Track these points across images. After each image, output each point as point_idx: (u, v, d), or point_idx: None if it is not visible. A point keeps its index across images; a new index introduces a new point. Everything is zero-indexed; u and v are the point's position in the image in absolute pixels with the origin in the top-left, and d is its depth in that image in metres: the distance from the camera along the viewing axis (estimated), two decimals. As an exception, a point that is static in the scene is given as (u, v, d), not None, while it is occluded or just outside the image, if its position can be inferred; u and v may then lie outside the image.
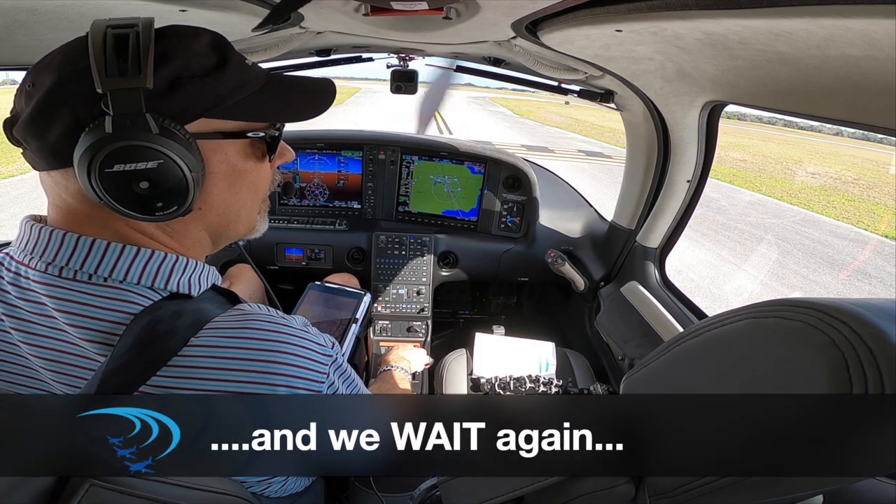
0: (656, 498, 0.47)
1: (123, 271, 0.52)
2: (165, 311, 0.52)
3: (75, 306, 0.51)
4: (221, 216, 0.59)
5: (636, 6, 0.65)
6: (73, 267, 0.51)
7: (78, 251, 0.51)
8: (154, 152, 0.48)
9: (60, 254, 0.51)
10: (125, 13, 0.57)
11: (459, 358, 1.62)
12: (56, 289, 0.52)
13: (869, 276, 6.28)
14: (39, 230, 0.53)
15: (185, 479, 0.50)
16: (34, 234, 0.53)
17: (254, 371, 0.53)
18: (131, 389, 0.50)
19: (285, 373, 0.54)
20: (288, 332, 0.56)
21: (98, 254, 0.52)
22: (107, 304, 0.52)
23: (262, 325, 0.55)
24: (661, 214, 1.48)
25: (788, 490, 0.41)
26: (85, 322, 0.51)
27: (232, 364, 0.53)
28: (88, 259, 0.51)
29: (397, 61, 1.77)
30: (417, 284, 1.87)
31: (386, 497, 0.88)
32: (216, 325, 0.54)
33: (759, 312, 0.41)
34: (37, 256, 0.52)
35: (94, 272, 0.52)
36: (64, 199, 0.53)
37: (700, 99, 1.13)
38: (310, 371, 0.56)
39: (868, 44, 0.53)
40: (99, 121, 0.47)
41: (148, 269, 0.53)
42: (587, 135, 20.32)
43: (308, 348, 0.57)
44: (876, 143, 26.51)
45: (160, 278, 0.54)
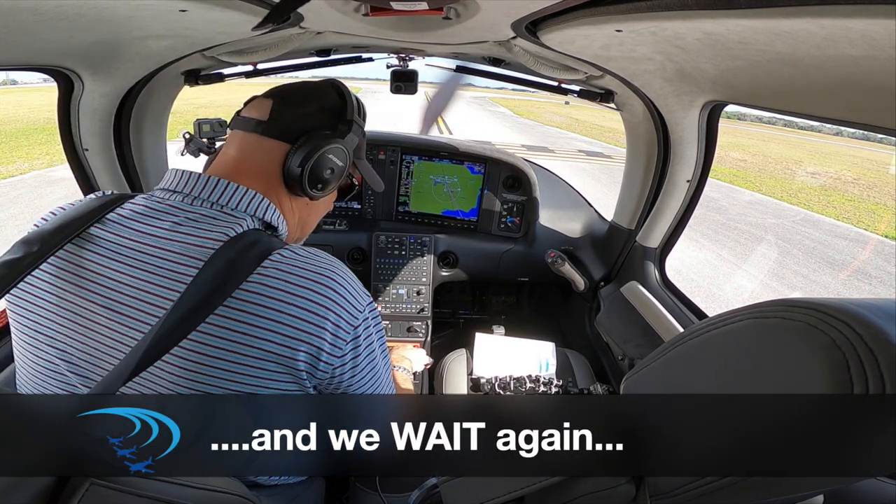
0: (657, 498, 0.47)
1: (236, 202, 0.68)
2: (246, 239, 0.63)
3: (193, 224, 0.64)
4: (310, 215, 0.82)
5: (636, 6, 0.65)
6: (203, 197, 0.67)
7: (209, 187, 0.68)
8: (345, 156, 0.77)
9: (196, 188, 0.68)
10: (125, 13, 0.57)
11: (459, 358, 1.62)
12: (183, 211, 0.66)
13: (869, 276, 6.28)
14: (196, 175, 0.69)
15: (186, 478, 0.50)
16: (191, 177, 0.69)
17: (309, 289, 0.62)
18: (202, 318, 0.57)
19: (335, 299, 0.63)
20: (340, 268, 0.67)
21: (227, 191, 0.68)
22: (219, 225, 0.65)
23: (318, 259, 0.66)
24: (661, 214, 1.48)
25: (788, 490, 0.41)
26: (202, 236, 0.63)
27: (295, 279, 0.62)
28: (214, 192, 0.68)
29: (397, 61, 1.77)
30: (417, 284, 1.87)
31: (386, 497, 0.88)
32: (277, 256, 0.64)
33: (759, 312, 0.41)
34: (179, 191, 0.68)
35: (216, 201, 0.67)
36: (254, 155, 0.73)
37: (700, 99, 1.13)
38: (355, 300, 0.65)
39: (868, 44, 0.53)
40: (331, 132, 0.75)
41: (254, 204, 0.70)
42: (587, 135, 20.33)
43: (355, 287, 0.67)
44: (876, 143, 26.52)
45: (260, 211, 0.70)
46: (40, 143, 9.76)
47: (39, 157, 8.38)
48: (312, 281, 0.62)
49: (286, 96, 0.75)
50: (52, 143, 9.08)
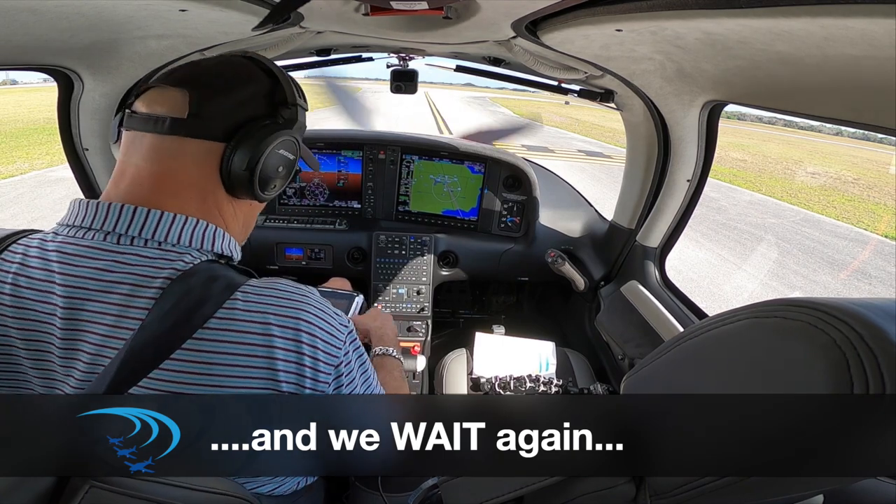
0: (657, 498, 0.47)
1: (176, 235, 0.59)
2: (199, 276, 0.56)
3: (128, 267, 0.56)
4: (249, 216, 0.71)
5: (636, 6, 0.65)
6: (132, 234, 0.57)
7: (136, 220, 0.58)
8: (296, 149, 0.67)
9: (120, 223, 0.57)
10: (125, 13, 0.57)
11: (459, 357, 1.62)
12: (112, 253, 0.56)
13: (869, 276, 6.28)
14: (107, 206, 0.58)
15: (185, 480, 0.50)
16: (101, 210, 0.58)
17: (282, 326, 0.56)
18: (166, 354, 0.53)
19: (310, 331, 0.58)
20: (312, 297, 0.61)
21: (153, 221, 0.58)
22: (162, 264, 0.56)
23: (289, 289, 0.60)
24: (661, 214, 1.48)
25: (788, 490, 0.41)
26: (140, 280, 0.55)
27: (262, 318, 0.56)
28: (146, 226, 0.58)
29: (397, 61, 1.77)
30: (417, 284, 1.87)
31: (386, 497, 0.88)
32: (246, 288, 0.58)
33: (759, 312, 0.41)
34: (97, 228, 0.58)
35: (150, 237, 0.57)
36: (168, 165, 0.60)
37: (700, 98, 1.13)
38: (331, 335, 0.60)
39: (868, 44, 0.53)
40: (272, 120, 0.63)
41: (196, 234, 0.60)
42: (587, 135, 20.32)
43: (329, 314, 0.61)
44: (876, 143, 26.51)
45: (206, 242, 0.61)
46: (40, 143, 9.75)
47: (39, 157, 8.37)
48: (285, 317, 0.57)
49: (205, 84, 0.61)
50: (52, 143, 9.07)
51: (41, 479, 0.41)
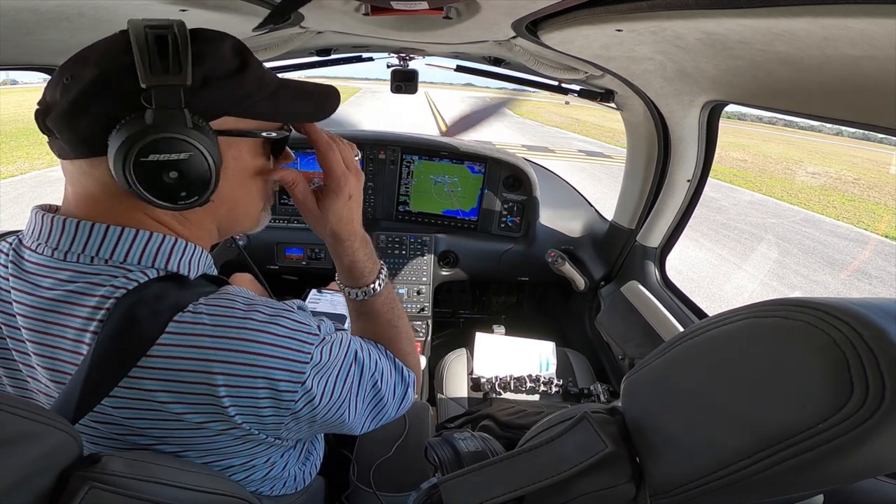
0: (656, 498, 0.47)
1: (123, 252, 0.53)
2: (147, 294, 0.51)
3: (74, 285, 0.51)
4: (231, 209, 0.61)
5: (636, 6, 0.65)
6: (76, 250, 0.52)
7: (80, 235, 0.52)
8: (187, 145, 0.50)
9: (63, 239, 0.52)
10: (125, 13, 0.57)
11: (460, 357, 1.62)
12: (57, 270, 0.52)
13: (869, 276, 6.28)
14: (51, 219, 0.53)
15: (186, 480, 0.50)
16: (45, 224, 0.54)
17: (226, 350, 0.51)
18: (116, 380, 0.49)
19: (261, 352, 0.52)
20: (266, 313, 0.54)
21: (98, 237, 0.52)
22: (103, 281, 0.52)
23: (239, 307, 0.54)
24: (662, 214, 1.48)
25: (788, 490, 0.41)
26: (80, 299, 0.51)
27: (203, 345, 0.50)
28: (89, 242, 0.52)
29: (397, 61, 1.77)
30: (418, 284, 1.87)
31: (386, 497, 0.88)
32: (195, 308, 0.52)
33: (759, 312, 0.41)
34: (43, 242, 0.53)
35: (95, 254, 0.52)
36: (86, 187, 0.54)
37: (700, 98, 1.13)
38: (291, 351, 0.53)
39: (868, 44, 0.53)
40: (136, 114, 0.49)
41: (148, 249, 0.54)
42: (587, 135, 20.32)
43: (289, 328, 0.54)
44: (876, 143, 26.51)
45: (160, 258, 0.55)
46: (41, 142, 9.69)
47: (40, 156, 8.36)
48: (236, 331, 0.51)
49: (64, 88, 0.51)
50: (52, 142, 9.04)
51: (41, 480, 0.41)
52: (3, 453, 0.38)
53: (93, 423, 0.52)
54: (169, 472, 0.49)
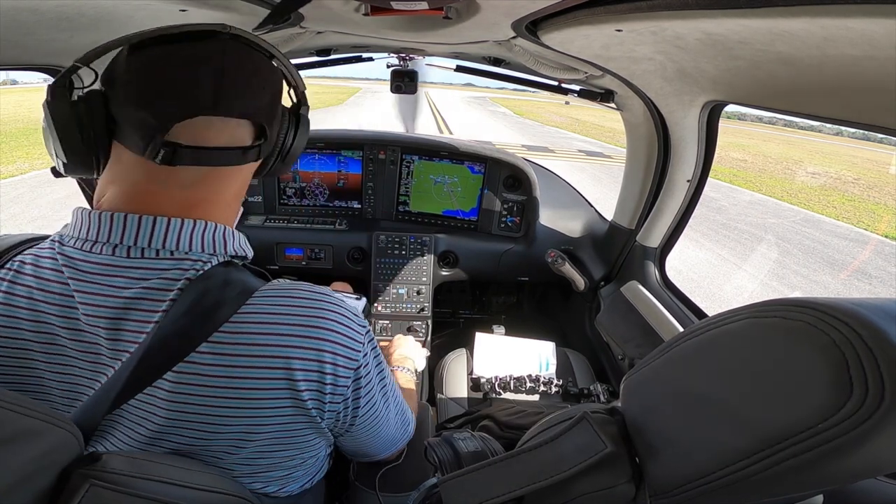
0: (656, 498, 0.47)
1: (187, 243, 0.56)
2: (215, 280, 0.55)
3: (148, 282, 0.54)
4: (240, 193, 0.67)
5: (636, 6, 0.65)
6: (141, 245, 0.55)
7: (143, 231, 0.55)
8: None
9: (126, 235, 0.55)
10: (125, 13, 0.57)
11: (459, 357, 1.62)
12: (126, 269, 0.54)
13: (869, 276, 6.28)
14: (110, 217, 0.55)
15: (186, 480, 0.50)
16: (102, 221, 0.55)
17: (301, 336, 0.55)
18: (180, 357, 0.52)
19: (330, 338, 0.57)
20: (330, 300, 0.60)
21: (161, 230, 0.55)
22: (174, 275, 0.55)
23: (306, 293, 0.59)
24: (661, 214, 1.48)
25: (788, 490, 0.41)
26: (158, 295, 0.54)
27: (280, 329, 0.55)
28: (154, 236, 0.55)
29: (397, 61, 1.77)
30: (418, 284, 1.87)
31: (386, 497, 0.88)
32: (263, 293, 0.57)
33: (759, 312, 0.41)
34: (103, 241, 0.55)
35: (160, 247, 0.55)
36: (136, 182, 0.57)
37: (700, 99, 1.13)
38: (351, 339, 0.59)
39: (868, 44, 0.53)
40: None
41: (206, 238, 0.58)
42: (587, 135, 20.32)
43: (348, 317, 0.60)
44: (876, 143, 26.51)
45: (218, 245, 0.59)
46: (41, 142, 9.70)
47: (40, 156, 8.36)
48: (304, 326, 0.56)
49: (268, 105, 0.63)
50: (52, 142, 9.03)
51: (41, 478, 0.41)
52: (4, 451, 0.38)
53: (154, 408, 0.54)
54: (169, 471, 0.49)
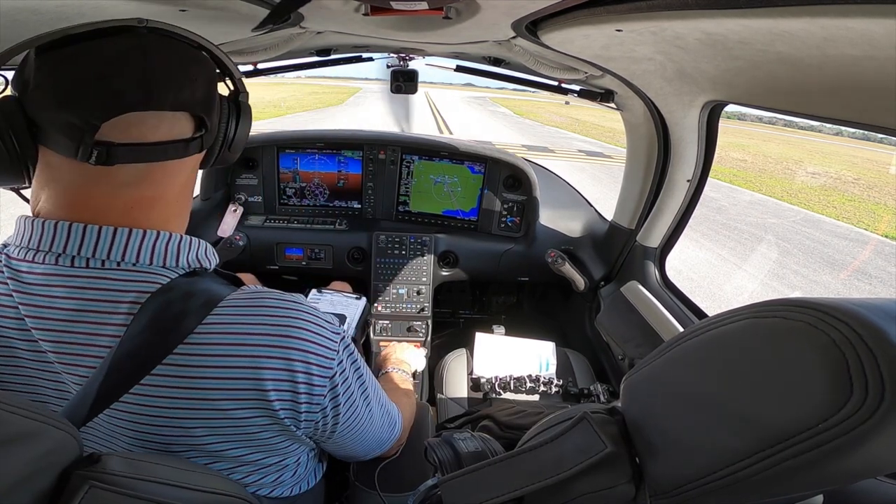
0: (656, 498, 0.47)
1: (134, 254, 0.53)
2: (177, 291, 0.53)
3: (89, 292, 0.51)
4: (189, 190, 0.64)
5: (636, 6, 0.65)
6: (85, 255, 0.52)
7: (87, 241, 0.52)
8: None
9: (69, 245, 0.51)
10: (125, 13, 0.57)
11: (459, 358, 1.62)
12: (68, 278, 0.52)
13: (869, 276, 6.28)
14: (54, 225, 0.52)
15: (186, 480, 0.50)
16: (46, 230, 0.52)
17: (269, 346, 0.53)
18: (146, 370, 0.50)
19: (300, 347, 0.55)
20: (300, 308, 0.57)
21: (106, 241, 0.52)
22: (122, 287, 0.52)
23: (273, 302, 0.56)
24: (661, 214, 1.48)
25: (788, 490, 0.41)
26: (99, 307, 0.51)
27: (247, 339, 0.53)
28: (98, 247, 0.52)
29: (397, 61, 1.77)
30: (417, 284, 1.87)
31: (386, 497, 0.88)
32: (229, 303, 0.55)
33: (759, 312, 0.41)
34: (44, 250, 0.52)
35: (105, 258, 0.52)
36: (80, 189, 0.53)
37: (700, 99, 1.13)
38: (323, 347, 0.57)
39: (868, 44, 0.53)
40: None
41: (157, 249, 0.54)
42: (587, 135, 20.32)
43: (319, 325, 0.58)
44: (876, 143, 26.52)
45: (170, 257, 0.55)
46: (40, 142, 9.67)
47: (40, 156, 8.34)
48: (274, 336, 0.54)
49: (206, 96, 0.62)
50: (52, 142, 8.99)
51: (41, 479, 0.41)
52: (3, 453, 0.38)
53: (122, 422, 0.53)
54: (169, 472, 0.49)
